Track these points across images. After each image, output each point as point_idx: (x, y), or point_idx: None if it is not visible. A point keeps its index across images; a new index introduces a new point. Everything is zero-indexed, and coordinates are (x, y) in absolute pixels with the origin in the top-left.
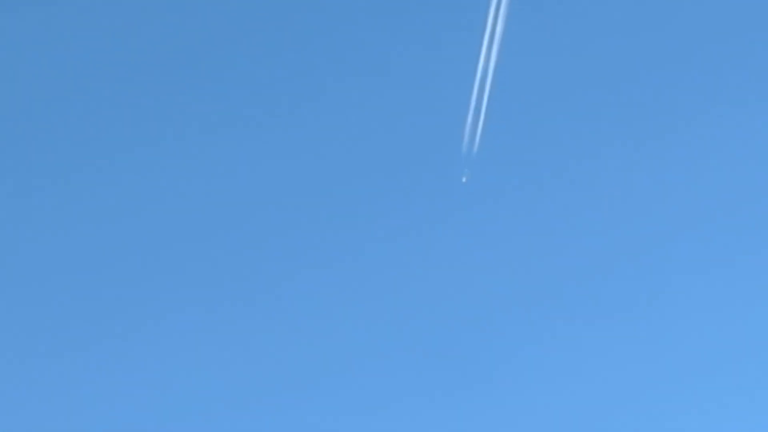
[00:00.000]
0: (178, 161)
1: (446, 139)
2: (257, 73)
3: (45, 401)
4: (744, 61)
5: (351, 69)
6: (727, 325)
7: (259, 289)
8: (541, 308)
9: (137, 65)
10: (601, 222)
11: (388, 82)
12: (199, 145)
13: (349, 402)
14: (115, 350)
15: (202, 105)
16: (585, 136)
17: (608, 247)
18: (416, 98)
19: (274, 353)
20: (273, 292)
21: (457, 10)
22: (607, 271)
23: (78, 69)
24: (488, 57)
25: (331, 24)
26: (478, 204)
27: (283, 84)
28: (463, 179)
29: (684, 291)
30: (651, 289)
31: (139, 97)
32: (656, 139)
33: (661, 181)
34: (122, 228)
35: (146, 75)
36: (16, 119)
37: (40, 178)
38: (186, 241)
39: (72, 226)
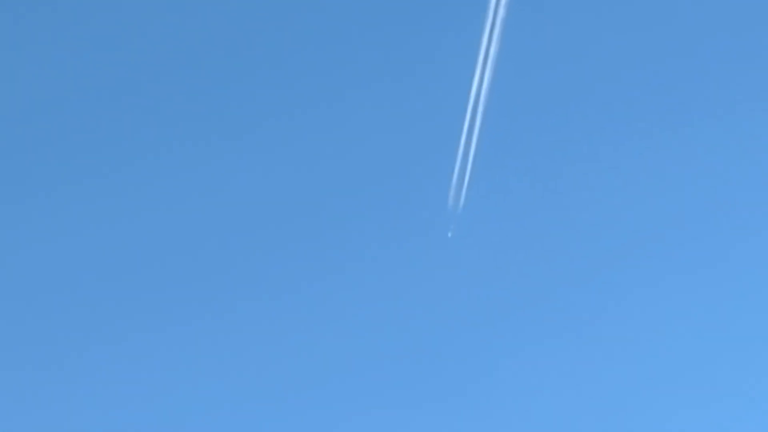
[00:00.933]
0: (173, 166)
1: (432, 194)
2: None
3: (44, 404)
4: (744, 61)
5: (339, 119)
6: (723, 326)
7: (251, 302)
8: (527, 355)
9: (141, 68)
10: (589, 273)
11: (375, 133)
12: (189, 152)
13: (344, 408)
14: (113, 355)
15: (196, 109)
16: (569, 194)
17: (595, 291)
18: (403, 150)
19: (272, 359)
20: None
21: (444, 65)
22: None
23: (78, 71)
24: (475, 111)
25: (311, 69)
26: (463, 258)
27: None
28: (449, 234)
29: (674, 294)
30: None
31: (142, 102)
32: (648, 185)
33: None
34: (123, 233)
35: (148, 78)
36: (18, 127)
37: (40, 182)
38: (184, 245)
39: (74, 231)
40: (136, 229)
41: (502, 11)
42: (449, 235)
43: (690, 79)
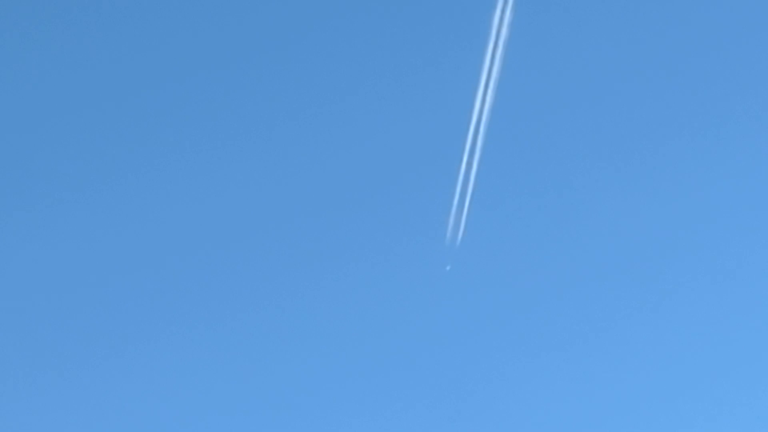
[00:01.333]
0: (173, 167)
1: (430, 227)
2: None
3: (45, 406)
4: (747, 64)
5: (333, 148)
6: (729, 331)
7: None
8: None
9: (142, 69)
10: (593, 308)
11: (371, 165)
12: (188, 153)
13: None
14: (115, 358)
15: (197, 110)
16: (571, 228)
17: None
18: (400, 182)
19: (269, 368)
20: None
21: (442, 100)
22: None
23: (79, 72)
24: (474, 143)
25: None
26: (462, 292)
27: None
28: (447, 267)
29: (678, 306)
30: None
31: (143, 103)
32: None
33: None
34: (125, 236)
35: (148, 79)
36: (21, 129)
37: (41, 185)
38: (181, 247)
39: (75, 233)
40: (137, 231)
41: (504, 33)
42: (447, 268)
43: (691, 91)
